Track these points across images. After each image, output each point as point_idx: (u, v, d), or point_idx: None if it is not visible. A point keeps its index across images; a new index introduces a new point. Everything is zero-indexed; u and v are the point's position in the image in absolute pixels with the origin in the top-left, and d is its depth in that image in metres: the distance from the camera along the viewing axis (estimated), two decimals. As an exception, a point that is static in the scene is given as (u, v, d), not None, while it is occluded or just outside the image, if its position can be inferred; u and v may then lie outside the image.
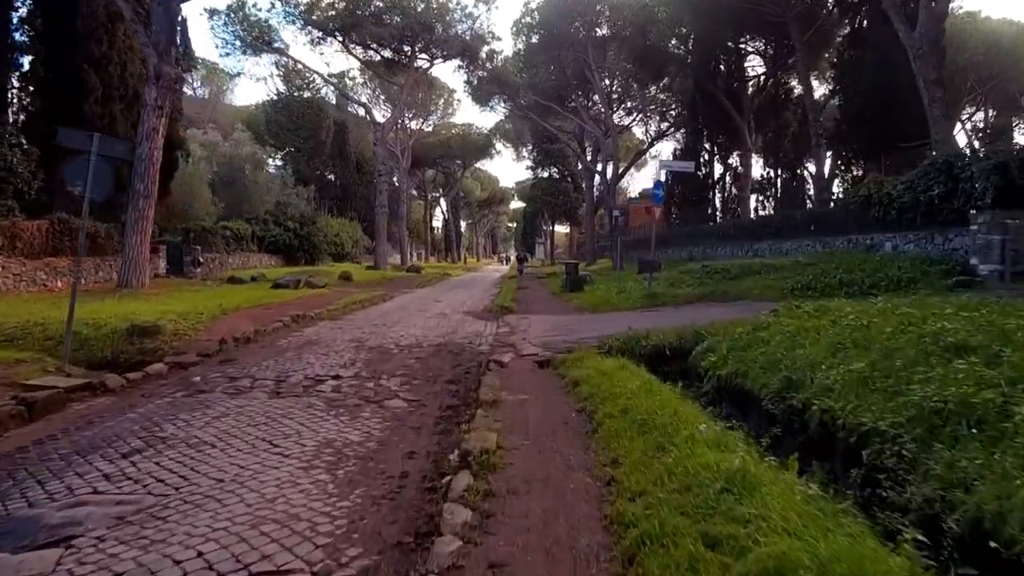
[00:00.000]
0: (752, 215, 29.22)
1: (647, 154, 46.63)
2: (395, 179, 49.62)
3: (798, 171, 28.29)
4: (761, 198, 29.67)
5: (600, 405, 4.22)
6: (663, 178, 10.87)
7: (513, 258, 57.45)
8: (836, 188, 23.29)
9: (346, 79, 45.24)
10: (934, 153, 14.43)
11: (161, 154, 13.98)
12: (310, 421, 4.65)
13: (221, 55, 29.04)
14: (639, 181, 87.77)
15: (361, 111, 40.30)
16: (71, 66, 16.38)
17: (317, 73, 35.97)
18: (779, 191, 27.99)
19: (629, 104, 39.01)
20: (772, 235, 17.73)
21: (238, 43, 28.05)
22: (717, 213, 34.39)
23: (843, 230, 14.21)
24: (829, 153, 26.43)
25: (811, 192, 26.84)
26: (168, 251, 19.54)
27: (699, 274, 12.24)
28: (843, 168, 21.04)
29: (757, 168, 33.87)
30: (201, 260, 20.77)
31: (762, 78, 30.75)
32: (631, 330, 7.81)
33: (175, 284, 16.40)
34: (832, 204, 21.26)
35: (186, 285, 16.33)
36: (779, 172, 28.39)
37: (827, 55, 28.81)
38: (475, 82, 32.73)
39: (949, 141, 15.93)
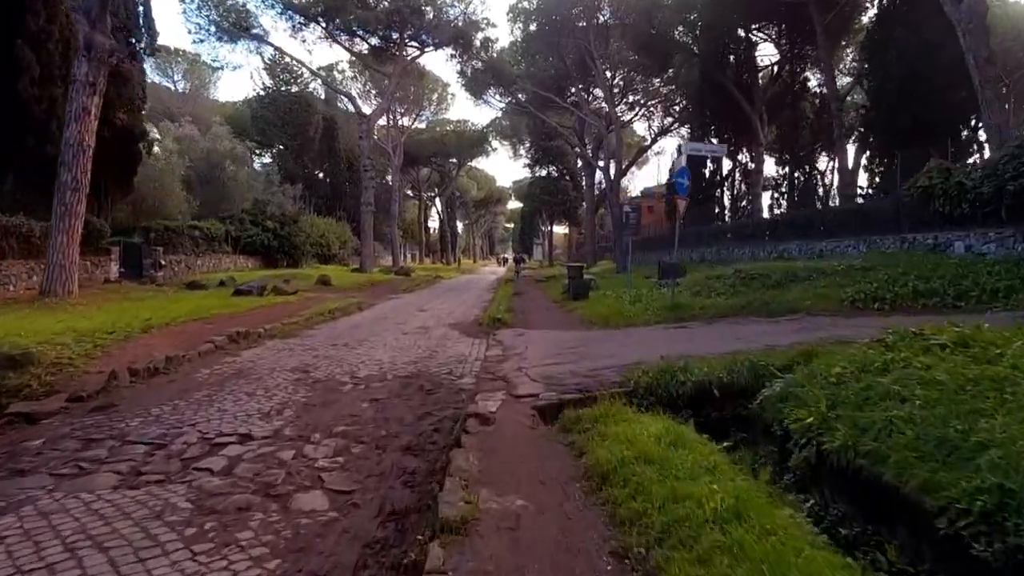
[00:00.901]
0: (765, 213, 27.26)
1: (650, 151, 44.76)
2: (388, 178, 47.69)
3: (815, 166, 26.30)
4: (776, 195, 27.66)
5: (666, 549, 2.22)
6: (685, 162, 8.83)
7: (510, 259, 55.56)
8: (862, 182, 21.29)
9: (335, 72, 43.32)
10: (984, 140, 12.49)
11: (94, 139, 11.93)
12: (134, 556, 2.63)
13: (194, 42, 27.04)
14: (640, 180, 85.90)
15: (351, 106, 38.19)
16: (2, 40, 14.34)
17: (304, 65, 33.91)
18: (797, 187, 26.00)
19: (631, 98, 37.07)
20: (799, 234, 15.77)
21: (213, 28, 25.97)
22: (725, 212, 32.45)
23: (893, 227, 12.25)
24: (852, 145, 24.57)
25: (835, 188, 24.88)
26: (124, 253, 17.50)
27: (730, 280, 10.25)
28: (874, 160, 19.06)
29: (769, 164, 32.00)
30: (163, 263, 18.73)
31: (775, 67, 28.82)
32: (662, 359, 5.82)
33: (123, 291, 14.34)
34: (861, 199, 19.31)
35: (136, 292, 14.28)
36: (795, 167, 26.39)
37: (844, 41, 26.91)
38: (469, 73, 30.69)
39: (1004, 125, 13.98)
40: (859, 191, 19.92)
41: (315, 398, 5.50)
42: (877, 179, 18.56)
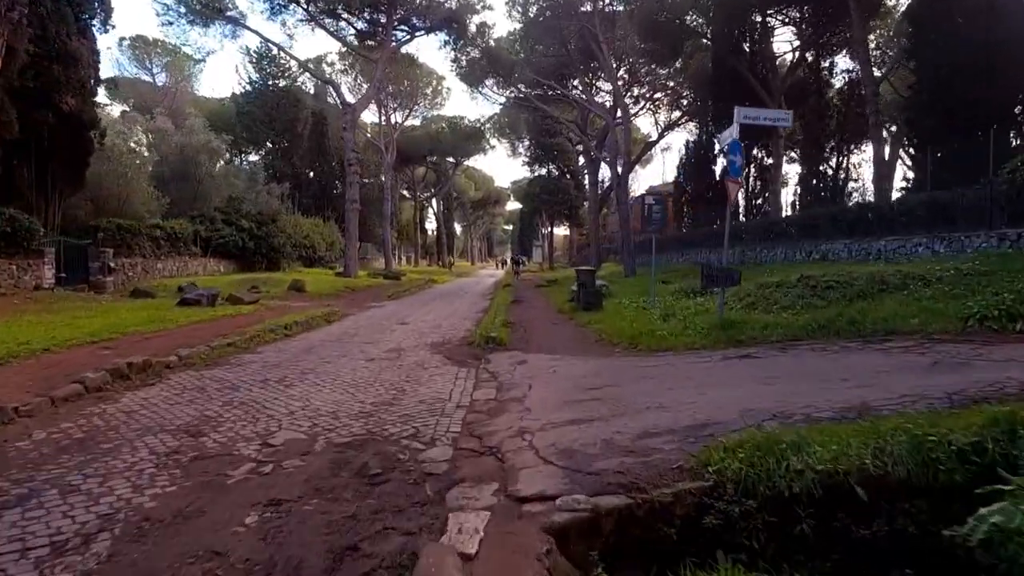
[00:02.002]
0: (786, 211, 25.01)
1: (656, 147, 42.58)
2: (382, 177, 45.40)
3: (842, 159, 24.02)
4: (799, 191, 25.33)
5: None
6: (736, 133, 6.56)
7: (509, 261, 53.37)
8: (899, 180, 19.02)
9: (323, 65, 41.04)
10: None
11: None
12: None
13: (162, 24, 24.74)
14: (644, 179, 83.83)
15: (337, 97, 35.64)
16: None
17: (284, 51, 31.59)
18: (825, 181, 23.70)
19: (636, 92, 34.83)
20: (845, 232, 13.53)
21: (182, 9, 23.63)
22: (740, 211, 30.22)
23: (980, 222, 10.01)
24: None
25: (867, 183, 22.63)
26: (64, 255, 15.19)
27: (796, 290, 7.94)
28: (920, 148, 16.74)
29: (787, 160, 29.75)
30: (113, 266, 16.42)
31: (795, 53, 26.59)
32: (748, 421, 3.58)
33: (44, 301, 12.05)
34: (899, 192, 17.06)
35: (61, 302, 11.99)
36: (819, 162, 24.09)
37: (873, 23, 24.69)
38: (464, 61, 28.42)
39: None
40: (900, 185, 17.64)
41: (173, 502, 3.21)
42: (912, 171, 16.24)
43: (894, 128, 25.90)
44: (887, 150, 20.71)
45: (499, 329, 9.08)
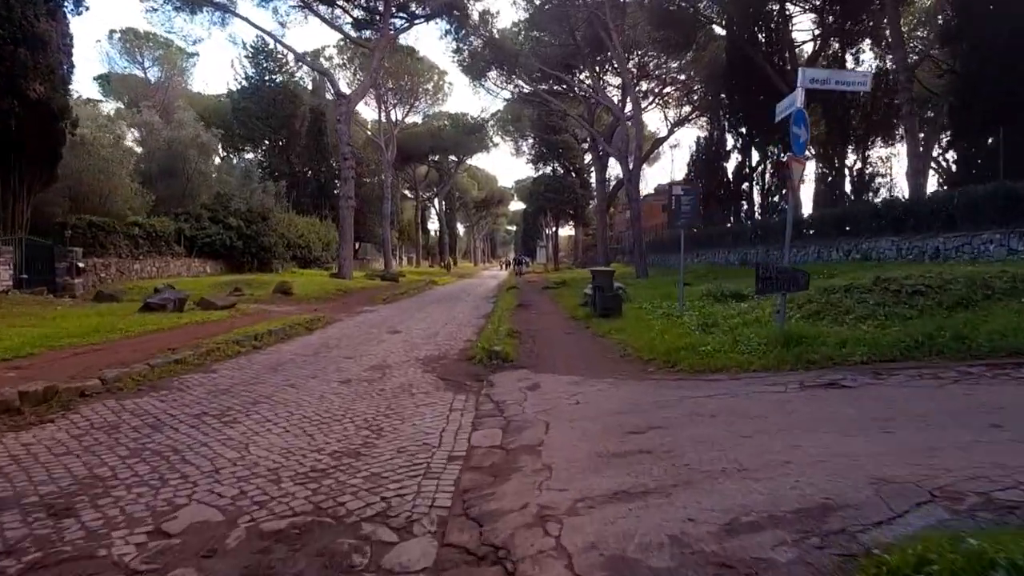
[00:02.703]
0: (808, 209, 23.54)
1: (664, 144, 41.19)
2: (383, 175, 44.04)
3: (867, 154, 22.53)
4: (821, 188, 23.81)
5: None
6: (801, 101, 5.13)
7: (512, 263, 51.86)
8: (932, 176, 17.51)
9: (321, 59, 39.70)
10: None
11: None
12: None
13: (146, 12, 23.62)
14: (651, 177, 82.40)
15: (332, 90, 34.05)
16: None
17: (283, 44, 30.11)
18: (852, 177, 22.21)
19: (645, 87, 33.46)
20: (890, 229, 12.10)
21: (169, -6, 22.28)
22: (756, 210, 28.79)
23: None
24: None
25: (896, 179, 21.11)
26: (26, 255, 13.87)
27: (873, 296, 6.47)
28: (968, 137, 15.24)
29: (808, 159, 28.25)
30: (83, 267, 15.09)
31: (816, 42, 25.13)
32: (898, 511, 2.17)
33: (-6, 305, 10.71)
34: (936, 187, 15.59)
35: (8, 307, 10.64)
36: (844, 157, 22.60)
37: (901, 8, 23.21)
38: (466, 52, 27.03)
39: None
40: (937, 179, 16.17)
41: None
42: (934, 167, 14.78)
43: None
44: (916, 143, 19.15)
45: (504, 341, 7.68)
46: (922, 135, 20.88)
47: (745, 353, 5.63)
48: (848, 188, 21.42)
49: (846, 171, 22.37)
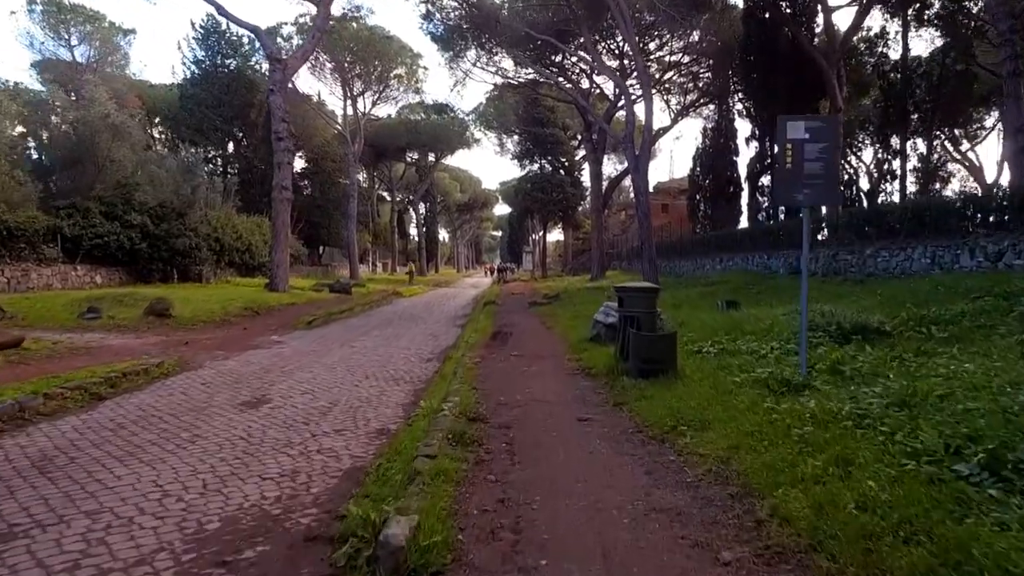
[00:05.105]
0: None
1: (667, 135, 37.02)
2: (359, 176, 39.35)
3: (933, 139, 18.33)
4: (876, 178, 19.58)
5: None
6: None
7: (496, 270, 47.46)
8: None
9: (279, 38, 34.88)
10: None
11: None
12: None
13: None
14: (649, 174, 78.72)
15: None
16: None
17: (234, 19, 25.17)
18: (926, 164, 17.96)
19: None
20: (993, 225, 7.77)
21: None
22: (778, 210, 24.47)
23: None
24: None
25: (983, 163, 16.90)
26: None
27: None
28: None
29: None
30: None
31: (861, 2, 20.88)
32: None
33: None
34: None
35: None
36: (902, 143, 18.34)
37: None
38: (438, 16, 22.52)
39: None
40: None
41: None
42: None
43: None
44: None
45: (430, 481, 3.10)
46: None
47: None
48: (932, 175, 17.17)
49: (924, 157, 18.10)
